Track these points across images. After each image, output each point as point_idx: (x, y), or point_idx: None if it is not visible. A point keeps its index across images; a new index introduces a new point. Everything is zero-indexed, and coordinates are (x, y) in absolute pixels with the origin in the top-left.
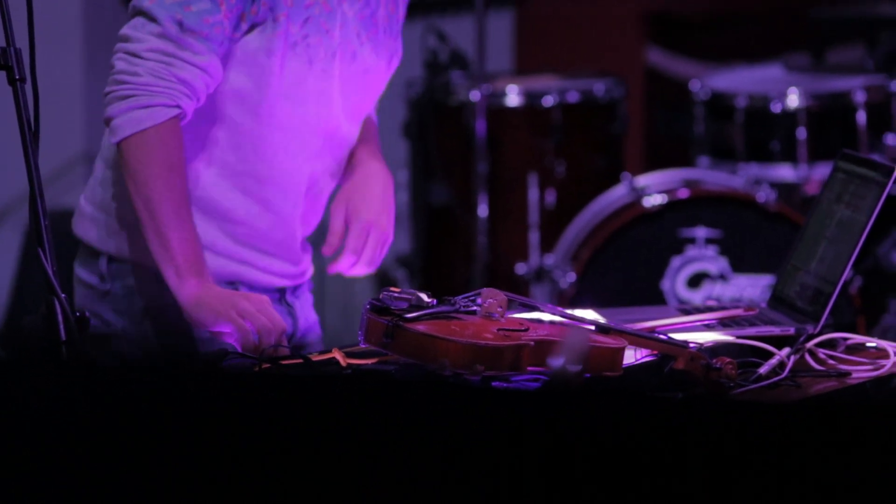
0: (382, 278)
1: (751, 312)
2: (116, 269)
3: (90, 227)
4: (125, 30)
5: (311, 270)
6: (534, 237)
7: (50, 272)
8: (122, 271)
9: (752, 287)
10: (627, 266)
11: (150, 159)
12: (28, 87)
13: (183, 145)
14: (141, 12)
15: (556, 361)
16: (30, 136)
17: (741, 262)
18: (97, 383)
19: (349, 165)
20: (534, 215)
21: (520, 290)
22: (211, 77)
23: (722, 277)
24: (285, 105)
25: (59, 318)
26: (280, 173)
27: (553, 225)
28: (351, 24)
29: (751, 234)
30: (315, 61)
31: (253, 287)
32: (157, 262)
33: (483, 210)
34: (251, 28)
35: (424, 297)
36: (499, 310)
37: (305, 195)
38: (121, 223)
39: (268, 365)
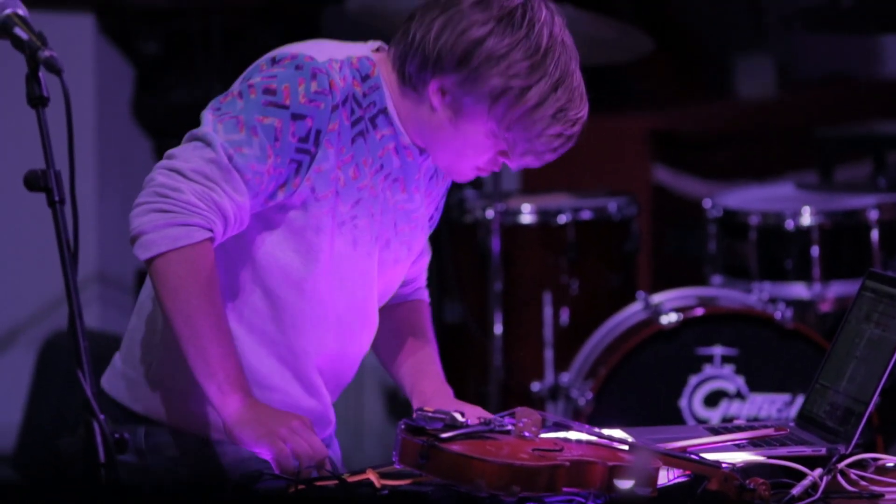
0: (393, 396)
1: (781, 432)
2: (155, 438)
3: (121, 384)
4: (174, 150)
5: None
6: (549, 355)
7: (89, 393)
8: (162, 442)
9: (770, 405)
10: (644, 384)
11: (189, 276)
12: (67, 208)
13: (216, 266)
14: (196, 138)
15: (625, 484)
16: (69, 256)
17: (758, 381)
18: None
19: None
20: (548, 333)
21: (535, 408)
22: (240, 220)
23: (739, 396)
24: (330, 283)
25: (98, 440)
26: (316, 347)
27: (568, 342)
28: (390, 213)
29: (767, 353)
30: (360, 243)
31: None
32: (199, 381)
33: (498, 328)
34: (285, 203)
35: (458, 416)
36: (533, 429)
37: (335, 367)
38: (157, 384)
39: (303, 486)
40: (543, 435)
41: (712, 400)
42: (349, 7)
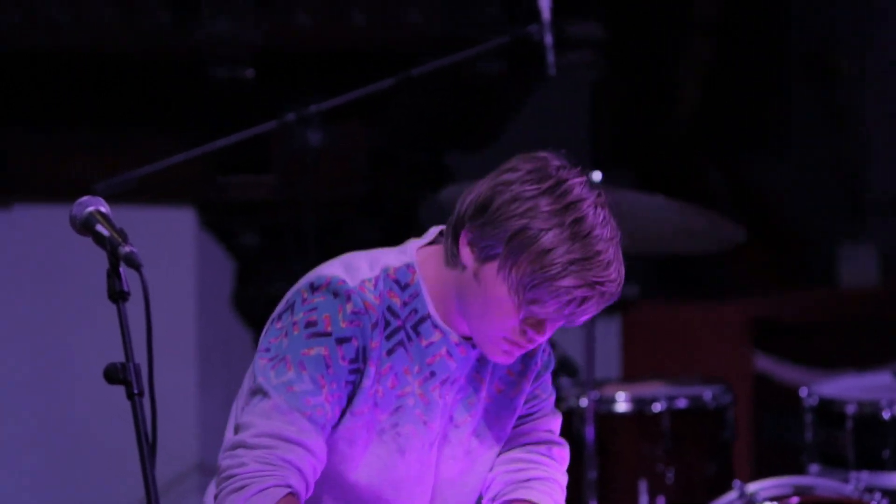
0: None
1: None
2: None
3: None
4: (242, 419)
5: None
6: None
7: None
8: None
9: None
10: None
11: None
12: (146, 400)
13: None
14: (255, 392)
15: None
16: (147, 448)
17: None
18: None
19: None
20: None
21: None
22: (317, 459)
23: None
24: (377, 489)
25: None
26: None
27: None
28: (447, 410)
29: None
30: (409, 451)
31: None
32: None
33: None
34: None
35: None
36: None
37: None
38: None
39: None
40: None
41: None
42: (442, 197)
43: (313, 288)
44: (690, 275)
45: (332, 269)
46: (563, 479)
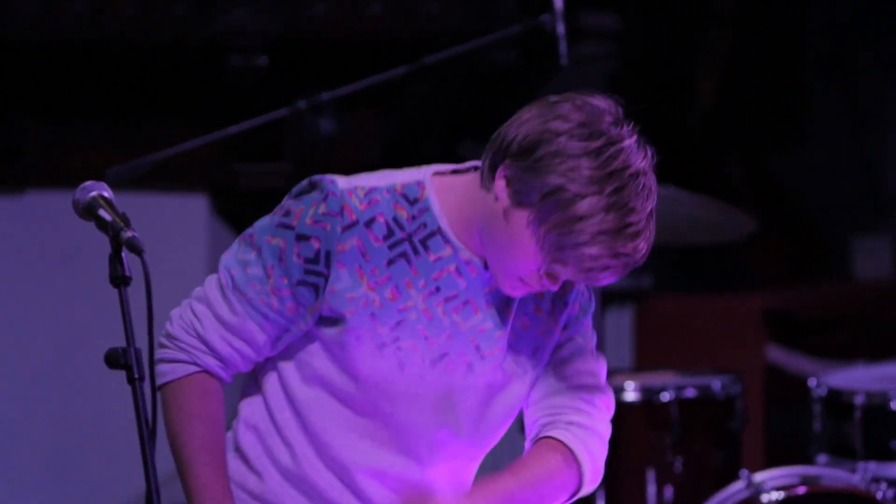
0: None
1: None
2: None
3: None
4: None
5: None
6: None
7: None
8: None
9: None
10: None
11: (174, 410)
12: (146, 385)
13: (213, 401)
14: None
15: None
16: (147, 433)
17: None
18: None
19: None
20: None
21: None
22: (245, 342)
23: None
24: (377, 403)
25: None
26: (368, 460)
27: None
28: (463, 337)
29: None
30: (407, 366)
31: None
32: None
33: None
34: (318, 327)
35: None
36: None
37: (406, 490)
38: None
39: None
40: None
41: None
42: None
43: (311, 183)
44: (704, 266)
45: (348, 178)
46: (606, 430)
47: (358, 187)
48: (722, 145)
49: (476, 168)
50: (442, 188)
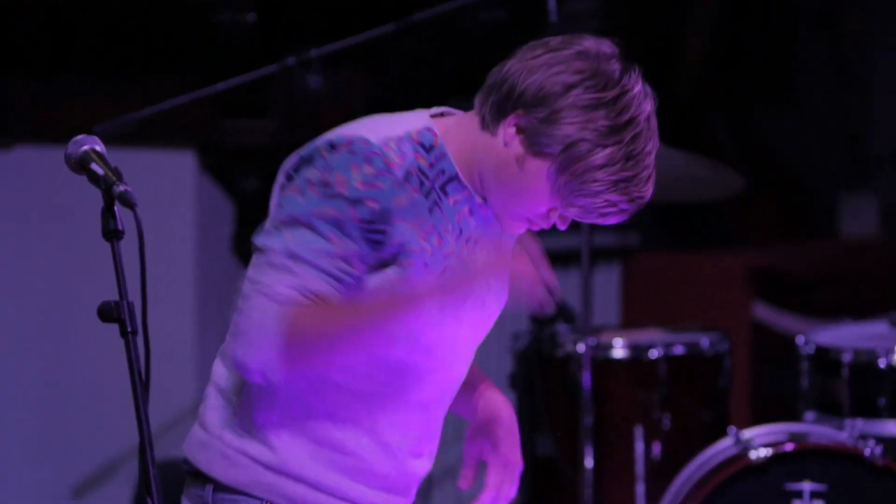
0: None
1: None
2: (221, 499)
3: (200, 449)
4: (253, 275)
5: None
6: (640, 489)
7: None
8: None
9: None
10: None
11: (317, 342)
12: (140, 339)
13: (311, 310)
14: (258, 248)
15: None
16: (140, 387)
17: None
18: None
19: (472, 397)
20: (640, 467)
21: None
22: (317, 292)
23: None
24: (409, 346)
25: None
26: (394, 406)
27: (659, 477)
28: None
29: (857, 489)
30: (447, 307)
31: None
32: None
33: (589, 461)
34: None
35: None
36: None
37: (417, 428)
38: (230, 450)
39: None
40: None
41: None
42: None
43: (332, 146)
44: (691, 223)
45: (353, 128)
46: None
47: (388, 139)
48: (709, 103)
49: (448, 113)
50: (444, 132)
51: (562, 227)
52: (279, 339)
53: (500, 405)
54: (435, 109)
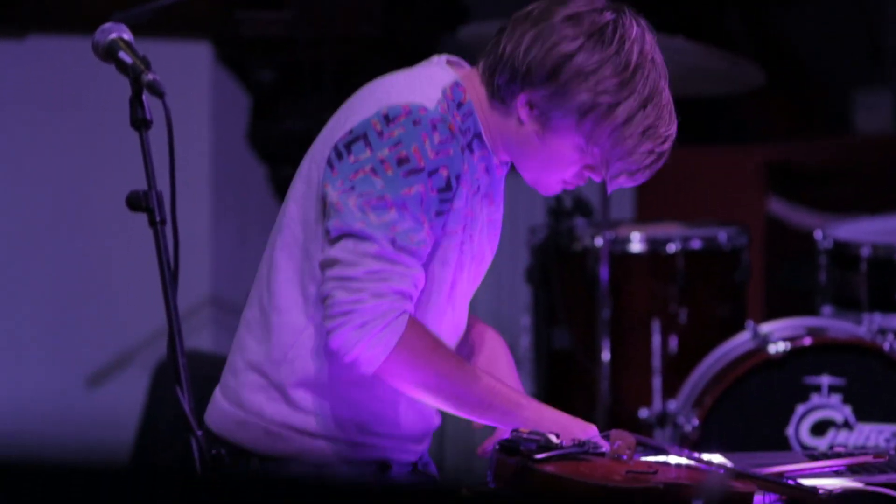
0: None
1: (881, 459)
2: (270, 466)
3: (239, 428)
4: (333, 252)
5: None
6: (657, 382)
7: (187, 410)
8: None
9: (877, 435)
10: (751, 412)
11: (423, 362)
12: (168, 228)
13: (427, 331)
14: (351, 235)
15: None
16: (169, 276)
17: (865, 411)
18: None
19: (469, 340)
20: (656, 361)
21: (642, 435)
22: (418, 288)
23: (846, 425)
24: (442, 305)
25: (196, 455)
26: None
27: (676, 371)
28: (485, 228)
29: (875, 383)
30: (463, 265)
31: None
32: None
33: (606, 355)
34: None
35: (553, 437)
36: (627, 452)
37: None
38: (274, 426)
39: None
40: (639, 458)
41: (820, 429)
42: (461, 36)
43: (388, 119)
44: (706, 119)
45: (397, 94)
46: None
47: (438, 101)
48: None
49: (456, 64)
50: (469, 87)
51: (597, 178)
52: (394, 339)
53: (496, 343)
54: (444, 57)
